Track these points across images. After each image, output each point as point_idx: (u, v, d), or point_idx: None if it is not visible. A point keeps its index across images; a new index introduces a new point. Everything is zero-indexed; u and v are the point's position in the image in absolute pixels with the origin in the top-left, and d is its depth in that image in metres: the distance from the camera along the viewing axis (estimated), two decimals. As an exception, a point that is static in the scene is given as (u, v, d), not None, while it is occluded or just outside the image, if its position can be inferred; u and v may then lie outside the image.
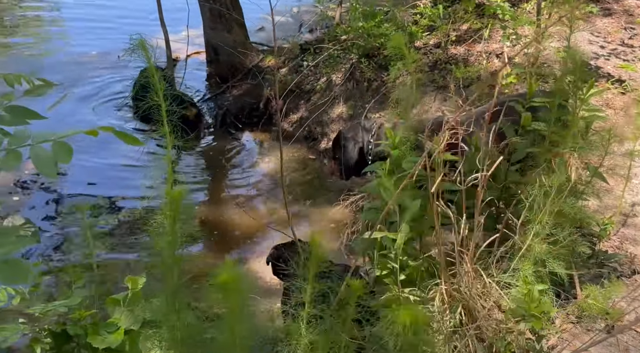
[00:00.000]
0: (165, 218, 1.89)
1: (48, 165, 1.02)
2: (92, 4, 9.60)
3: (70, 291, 1.91)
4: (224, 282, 1.71)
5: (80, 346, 1.87)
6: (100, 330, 1.86)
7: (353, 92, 5.56)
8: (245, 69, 6.56)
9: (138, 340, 1.97)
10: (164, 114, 1.82)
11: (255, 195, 4.84)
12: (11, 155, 1.02)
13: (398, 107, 3.09)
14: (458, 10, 5.75)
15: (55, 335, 1.85)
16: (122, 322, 1.95)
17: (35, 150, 1.00)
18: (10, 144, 1.03)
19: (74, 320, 1.87)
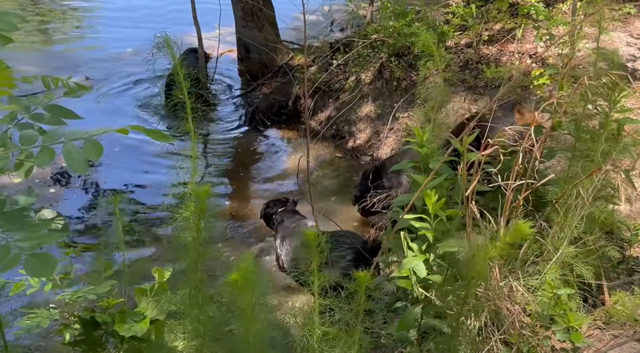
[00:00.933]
0: (191, 213, 1.93)
1: (79, 161, 1.05)
2: (129, 2, 9.82)
3: (100, 279, 1.97)
4: (238, 278, 1.75)
5: (108, 333, 1.93)
6: (127, 319, 1.91)
7: (382, 91, 5.54)
8: (275, 67, 6.61)
9: (163, 330, 2.02)
10: (189, 111, 1.85)
11: (282, 190, 4.88)
12: (45, 151, 1.06)
13: (426, 106, 3.08)
14: (491, 9, 5.67)
15: (84, 322, 1.91)
16: (148, 311, 1.99)
17: (67, 147, 1.03)
18: (44, 141, 1.07)
19: (102, 307, 1.93)
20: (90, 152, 1.06)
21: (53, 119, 1.17)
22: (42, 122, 1.16)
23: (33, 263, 0.94)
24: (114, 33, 8.45)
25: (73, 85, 1.20)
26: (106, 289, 1.93)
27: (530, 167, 2.49)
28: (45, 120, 1.17)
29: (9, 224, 1.05)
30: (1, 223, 1.04)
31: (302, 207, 4.44)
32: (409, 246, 2.54)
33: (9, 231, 1.01)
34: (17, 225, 1.05)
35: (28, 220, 1.10)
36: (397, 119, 5.18)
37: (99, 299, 1.92)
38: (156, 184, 4.76)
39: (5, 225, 1.04)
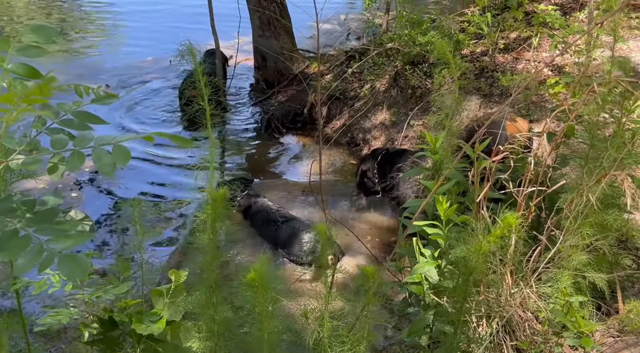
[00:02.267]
0: (207, 216, 1.98)
1: (108, 166, 1.09)
2: (149, 11, 10.01)
3: (118, 280, 2.03)
4: (252, 280, 1.79)
5: (125, 333, 1.98)
6: (144, 319, 1.96)
7: (396, 99, 5.57)
8: (291, 75, 6.69)
9: (179, 330, 2.06)
10: (208, 118, 1.90)
11: (296, 196, 4.92)
12: (75, 156, 1.10)
13: (441, 113, 3.10)
14: (507, 18, 5.67)
15: (103, 321, 1.96)
16: (164, 312, 2.04)
17: (97, 152, 1.08)
18: (75, 145, 1.11)
19: (120, 308, 1.98)
20: (119, 157, 1.10)
21: (81, 125, 1.22)
22: (70, 127, 1.21)
23: (67, 264, 0.96)
24: (135, 41, 8.64)
25: (102, 94, 1.25)
26: (124, 290, 1.98)
27: (542, 173, 2.50)
28: (74, 125, 1.21)
29: (40, 224, 1.07)
30: (33, 223, 1.07)
31: (315, 213, 4.49)
32: (421, 252, 2.56)
33: (41, 231, 1.04)
34: (48, 225, 1.08)
35: (58, 220, 1.13)
36: (411, 126, 5.20)
37: (118, 299, 1.98)
38: (173, 187, 4.84)
39: (36, 225, 1.06)
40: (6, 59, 1.13)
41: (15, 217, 1.08)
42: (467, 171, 2.77)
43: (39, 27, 1.21)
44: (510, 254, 2.42)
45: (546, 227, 2.59)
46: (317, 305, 2.01)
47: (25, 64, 1.16)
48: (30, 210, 1.12)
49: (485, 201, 2.46)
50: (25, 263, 0.99)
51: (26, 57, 1.16)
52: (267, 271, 1.82)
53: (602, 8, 4.85)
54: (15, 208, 1.11)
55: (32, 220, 1.07)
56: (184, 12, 9.73)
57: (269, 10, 6.53)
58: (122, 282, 2.09)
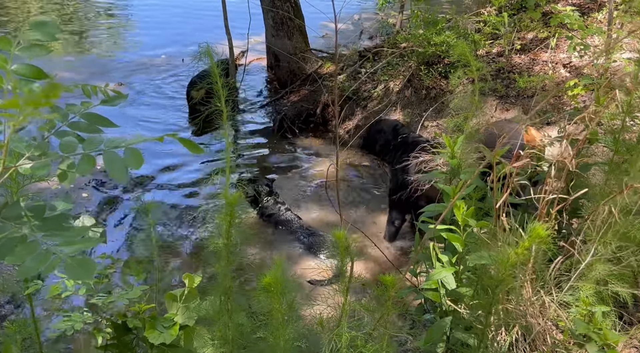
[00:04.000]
0: (222, 220, 1.95)
1: (120, 170, 1.06)
2: (163, 9, 10.03)
3: (132, 285, 2.00)
4: (268, 285, 1.76)
5: (138, 338, 1.95)
6: (157, 325, 1.93)
7: (410, 99, 5.51)
8: (304, 75, 6.65)
9: (192, 336, 2.03)
10: (225, 119, 1.87)
11: (309, 197, 4.88)
12: (85, 159, 1.07)
13: (457, 115, 3.05)
14: (524, 18, 5.59)
15: (116, 326, 1.94)
16: (178, 317, 2.01)
17: (109, 155, 1.05)
18: (84, 148, 1.08)
19: (133, 312, 1.95)
20: (131, 160, 1.07)
21: (90, 127, 1.19)
22: (79, 130, 1.17)
23: (73, 267, 0.95)
24: (148, 39, 8.65)
25: (112, 94, 1.22)
26: (138, 294, 1.95)
27: (564, 179, 2.44)
28: (83, 128, 1.18)
29: (49, 230, 1.06)
30: (42, 228, 1.06)
31: (329, 215, 4.46)
32: (438, 257, 2.51)
33: (50, 236, 1.03)
34: (56, 230, 1.07)
35: (67, 225, 1.11)
36: (425, 127, 5.14)
37: (131, 304, 1.95)
38: (187, 189, 4.82)
39: (45, 231, 1.05)
40: (9, 60, 1.10)
41: (23, 223, 1.06)
42: (486, 175, 2.72)
43: (39, 23, 1.16)
44: (531, 261, 2.37)
45: (567, 234, 2.53)
46: (334, 313, 1.97)
47: (30, 65, 1.12)
48: (39, 216, 1.10)
49: (506, 207, 2.41)
50: (30, 266, 0.98)
51: (30, 56, 1.13)
52: (283, 276, 1.78)
53: (621, 8, 4.76)
54: (23, 215, 1.09)
55: (40, 226, 1.06)
56: (198, 11, 9.75)
57: (282, 10, 6.50)
58: (135, 285, 2.07)
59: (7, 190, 1.63)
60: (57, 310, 2.01)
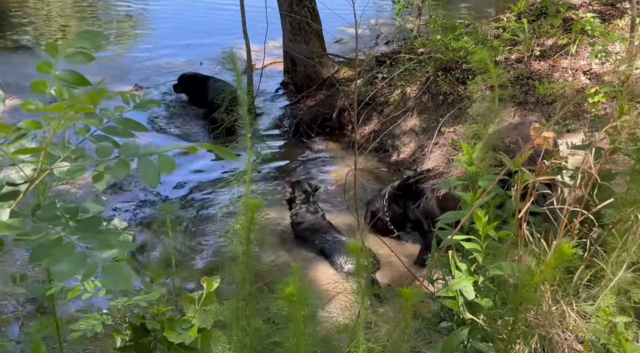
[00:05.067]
0: (241, 225, 1.95)
1: (153, 175, 1.07)
2: (182, 12, 10.14)
3: (151, 287, 2.01)
4: (289, 293, 1.75)
5: (157, 340, 1.96)
6: (175, 327, 1.94)
7: (427, 105, 5.49)
8: (320, 80, 6.66)
9: (210, 339, 2.04)
10: (247, 127, 1.88)
11: (325, 201, 4.88)
12: (120, 164, 1.09)
13: (475, 122, 3.03)
14: (543, 24, 5.54)
15: (135, 328, 1.95)
16: (195, 320, 2.02)
17: (143, 161, 1.06)
18: (120, 154, 1.10)
19: (152, 314, 1.97)
20: (164, 167, 1.08)
21: (124, 132, 1.20)
22: (113, 134, 1.19)
23: (111, 273, 0.95)
24: (167, 42, 8.74)
25: (145, 100, 1.24)
26: (157, 296, 1.96)
27: (588, 189, 2.41)
28: (117, 132, 1.20)
29: (83, 232, 1.06)
30: (76, 231, 1.06)
31: (345, 219, 4.45)
32: (457, 266, 2.49)
33: (84, 239, 1.03)
34: (91, 233, 1.07)
35: (101, 228, 1.12)
36: (442, 133, 5.11)
37: (150, 306, 1.96)
38: (207, 195, 4.85)
39: (80, 233, 1.05)
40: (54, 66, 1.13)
41: (59, 224, 1.06)
42: (505, 183, 2.69)
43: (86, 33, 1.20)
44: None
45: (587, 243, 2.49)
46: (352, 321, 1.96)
47: (73, 71, 1.15)
48: (73, 217, 1.11)
49: (527, 216, 2.38)
50: (67, 270, 0.98)
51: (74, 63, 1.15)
52: (305, 285, 1.78)
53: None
54: (60, 215, 1.10)
55: (75, 228, 1.06)
56: (217, 15, 9.83)
57: (300, 15, 6.52)
58: (154, 288, 2.08)
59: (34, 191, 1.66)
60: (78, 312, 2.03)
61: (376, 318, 1.84)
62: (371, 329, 1.86)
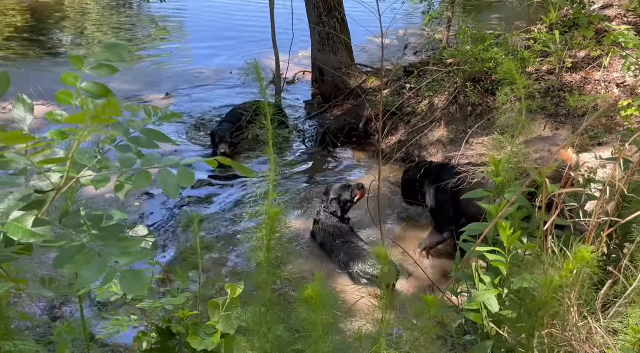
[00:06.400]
0: (263, 233, 1.98)
1: (172, 187, 1.11)
2: (214, 21, 10.32)
3: (177, 291, 2.06)
4: (309, 298, 1.77)
5: (181, 343, 2.00)
6: (199, 331, 1.98)
7: (455, 116, 5.46)
8: (347, 90, 6.70)
9: (232, 344, 2.07)
10: (271, 136, 1.91)
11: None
12: (142, 175, 1.13)
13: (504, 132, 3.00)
14: (575, 36, 5.46)
15: (160, 331, 2.00)
16: (219, 325, 2.05)
17: (163, 173, 1.11)
18: (142, 164, 1.14)
19: (177, 318, 2.01)
20: (184, 178, 1.12)
21: (149, 142, 1.24)
22: (138, 145, 1.23)
23: (128, 279, 0.99)
24: (198, 50, 8.91)
25: (168, 112, 1.28)
26: (182, 301, 2.01)
27: (615, 202, 2.36)
28: (142, 143, 1.24)
29: (105, 240, 1.10)
30: (98, 238, 1.10)
31: (368, 229, 4.45)
32: (480, 278, 2.47)
33: (106, 246, 1.07)
34: (112, 241, 1.11)
35: (122, 235, 1.16)
36: (470, 144, 5.07)
37: (175, 310, 2.00)
38: (230, 202, 4.92)
39: (102, 241, 1.09)
40: (79, 78, 1.17)
41: (81, 231, 1.11)
42: (531, 195, 2.66)
43: (110, 46, 1.25)
44: (577, 285, 2.29)
45: (616, 258, 2.44)
46: (373, 329, 1.96)
47: (97, 83, 1.19)
48: (96, 225, 1.15)
49: (553, 228, 2.35)
50: (89, 276, 1.02)
51: (98, 75, 1.20)
52: (324, 290, 1.80)
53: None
54: (83, 223, 1.14)
55: (97, 236, 1.10)
56: (248, 24, 9.98)
57: (329, 25, 6.58)
58: (180, 292, 2.12)
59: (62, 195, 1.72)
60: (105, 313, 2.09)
61: (398, 325, 1.85)
62: (392, 336, 1.86)
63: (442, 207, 4.15)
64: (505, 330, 2.36)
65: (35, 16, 10.42)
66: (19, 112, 1.22)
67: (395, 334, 2.12)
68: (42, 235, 1.03)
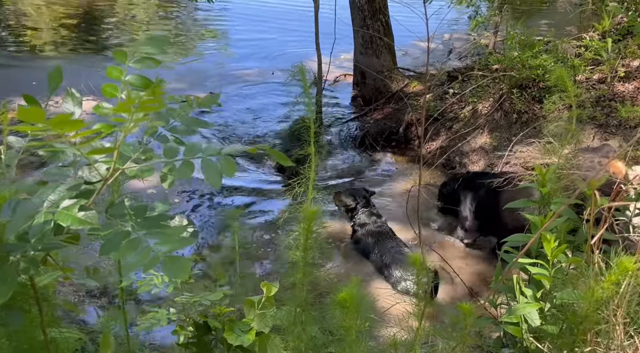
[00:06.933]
0: (300, 233, 1.98)
1: (215, 176, 1.13)
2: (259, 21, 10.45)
3: (214, 287, 2.08)
4: (344, 301, 1.76)
5: (217, 339, 2.02)
6: (235, 328, 1.99)
7: (500, 123, 5.33)
8: (389, 93, 6.65)
9: (267, 343, 2.07)
10: (312, 135, 1.91)
11: (385, 214, 4.84)
12: (185, 165, 1.15)
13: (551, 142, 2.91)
14: (630, 45, 5.25)
15: (198, 326, 2.02)
16: (254, 323, 2.06)
17: (206, 163, 1.12)
18: (185, 155, 1.16)
19: (214, 314, 2.03)
20: (226, 168, 1.13)
21: (188, 130, 1.26)
22: (179, 133, 1.25)
23: (170, 265, 1.01)
24: (242, 50, 9.02)
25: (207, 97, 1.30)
26: (219, 297, 2.02)
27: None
28: (181, 131, 1.26)
29: (149, 228, 1.13)
30: (143, 227, 1.13)
31: (405, 233, 4.39)
32: (522, 291, 2.40)
33: (150, 235, 1.10)
34: (155, 229, 1.14)
35: (165, 225, 1.18)
36: (514, 152, 4.95)
37: (212, 306, 2.02)
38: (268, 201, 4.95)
39: (146, 229, 1.12)
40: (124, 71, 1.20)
41: (126, 221, 1.14)
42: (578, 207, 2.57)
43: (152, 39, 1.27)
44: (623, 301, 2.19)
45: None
46: (408, 337, 1.94)
47: (141, 76, 1.22)
48: (141, 215, 1.18)
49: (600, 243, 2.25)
50: (132, 262, 1.05)
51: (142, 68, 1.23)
52: (360, 294, 1.78)
53: None
54: (127, 213, 1.17)
55: (142, 224, 1.13)
56: (292, 25, 10.05)
57: (373, 29, 6.55)
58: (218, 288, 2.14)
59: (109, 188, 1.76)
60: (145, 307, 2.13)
61: (434, 333, 1.81)
62: (427, 344, 1.82)
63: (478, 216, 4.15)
64: (545, 345, 2.28)
65: (87, 15, 10.79)
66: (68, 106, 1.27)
67: (430, 343, 2.08)
68: (90, 222, 1.06)
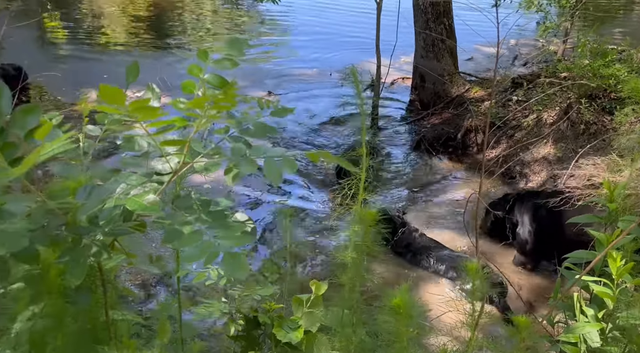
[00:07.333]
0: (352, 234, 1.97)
1: (275, 174, 1.16)
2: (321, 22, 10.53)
3: (266, 282, 2.11)
4: (397, 306, 1.74)
5: (266, 334, 2.05)
6: (284, 325, 2.01)
7: (566, 133, 5.12)
8: (448, 98, 6.52)
9: (314, 342, 2.08)
10: (364, 135, 1.90)
11: (438, 220, 4.75)
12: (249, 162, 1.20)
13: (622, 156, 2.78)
14: None
15: (247, 320, 2.05)
16: (302, 321, 2.07)
17: (269, 161, 1.16)
18: (251, 154, 1.20)
19: (264, 309, 2.05)
20: (287, 166, 1.17)
21: (257, 134, 1.30)
22: (248, 136, 1.29)
23: (230, 261, 1.03)
24: (301, 51, 9.10)
25: (280, 107, 1.32)
26: (270, 292, 2.05)
27: None
28: (252, 134, 1.29)
29: (212, 223, 1.16)
30: (207, 221, 1.16)
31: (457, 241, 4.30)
32: (582, 310, 2.29)
33: (212, 229, 1.13)
34: (218, 224, 1.17)
35: (227, 220, 1.21)
36: (579, 165, 4.73)
37: (262, 301, 2.05)
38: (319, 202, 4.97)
39: (209, 223, 1.15)
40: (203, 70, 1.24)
41: (192, 213, 1.17)
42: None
43: (233, 41, 1.30)
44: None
45: None
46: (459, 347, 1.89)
47: (218, 75, 1.26)
48: (205, 209, 1.21)
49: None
50: (193, 253, 1.08)
51: (219, 68, 1.27)
52: (413, 300, 1.76)
53: None
54: (193, 206, 1.21)
55: (204, 218, 1.16)
56: (353, 27, 10.07)
57: (435, 32, 6.45)
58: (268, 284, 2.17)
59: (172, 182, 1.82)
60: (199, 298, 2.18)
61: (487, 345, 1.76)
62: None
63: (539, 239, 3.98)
64: (606, 369, 2.17)
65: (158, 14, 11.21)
66: (149, 99, 1.32)
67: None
68: (155, 209, 1.10)
